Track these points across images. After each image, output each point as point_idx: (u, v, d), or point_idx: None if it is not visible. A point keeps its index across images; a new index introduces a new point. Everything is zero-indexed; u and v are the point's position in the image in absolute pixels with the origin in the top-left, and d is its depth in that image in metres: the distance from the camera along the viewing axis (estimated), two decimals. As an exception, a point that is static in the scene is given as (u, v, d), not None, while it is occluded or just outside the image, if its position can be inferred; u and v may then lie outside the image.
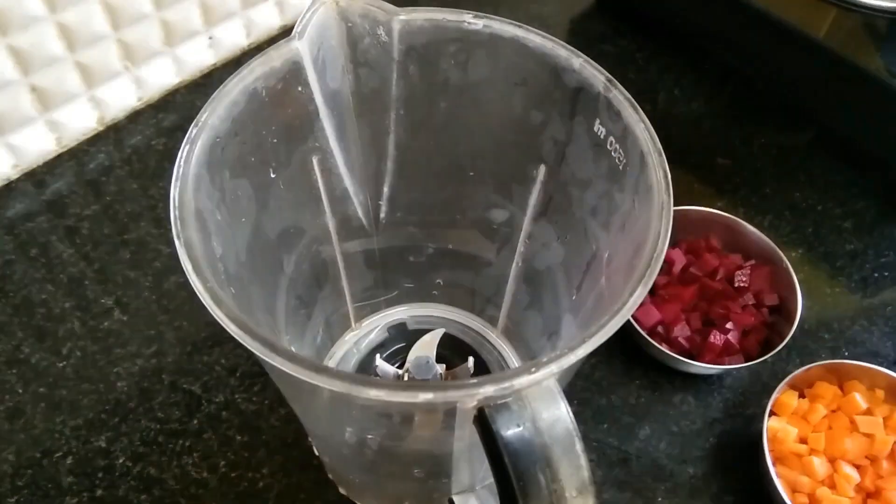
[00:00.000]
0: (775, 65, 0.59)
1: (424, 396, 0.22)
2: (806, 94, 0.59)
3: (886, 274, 0.52)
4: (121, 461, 0.42)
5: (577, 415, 0.45)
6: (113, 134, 0.56)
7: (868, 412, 0.43)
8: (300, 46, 0.29)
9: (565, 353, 0.23)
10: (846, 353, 0.48)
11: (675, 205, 0.26)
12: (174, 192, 0.25)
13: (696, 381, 0.46)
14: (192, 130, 0.27)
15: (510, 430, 0.23)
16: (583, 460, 0.23)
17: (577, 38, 0.66)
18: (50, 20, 0.48)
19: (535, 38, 0.30)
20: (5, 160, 0.52)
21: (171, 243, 0.50)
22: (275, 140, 0.31)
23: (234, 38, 0.60)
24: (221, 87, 0.28)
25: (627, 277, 0.25)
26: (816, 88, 0.58)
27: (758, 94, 0.62)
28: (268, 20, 0.62)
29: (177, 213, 0.25)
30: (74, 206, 0.52)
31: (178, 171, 0.26)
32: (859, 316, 0.50)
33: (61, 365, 0.45)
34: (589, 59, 0.29)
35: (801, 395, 0.44)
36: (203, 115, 0.27)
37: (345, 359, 0.44)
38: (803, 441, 0.42)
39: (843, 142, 0.58)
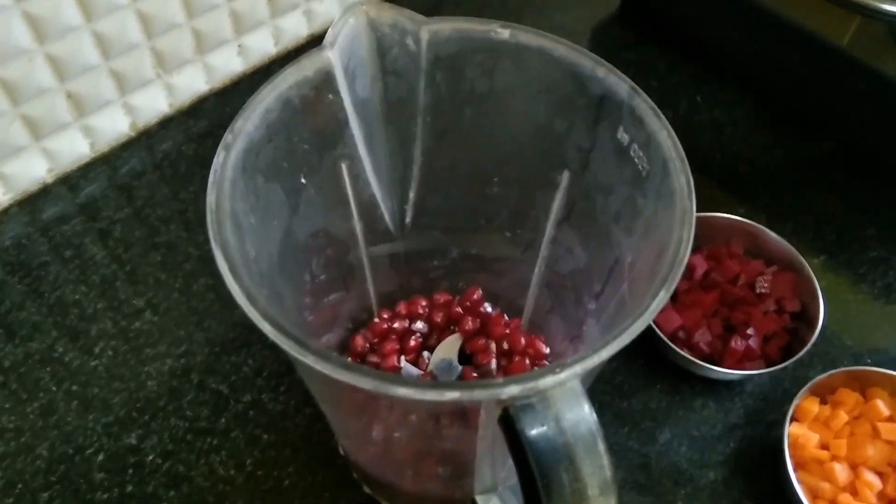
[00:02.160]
0: (798, 73, 0.59)
1: (451, 395, 0.23)
2: (829, 102, 0.59)
3: (910, 282, 0.52)
4: (150, 458, 0.43)
5: (598, 418, 0.46)
6: (145, 139, 0.58)
7: (890, 419, 0.43)
8: (331, 55, 0.30)
9: (589, 355, 0.23)
10: (868, 360, 0.48)
11: (696, 211, 0.27)
12: (211, 197, 0.26)
13: (717, 387, 0.47)
14: (228, 137, 0.28)
15: (534, 430, 0.23)
16: (605, 460, 0.24)
17: (600, 46, 0.66)
18: (86, 29, 0.50)
19: (561, 48, 0.30)
20: (41, 164, 0.54)
21: (200, 246, 0.52)
22: (306, 146, 0.32)
23: (262, 46, 0.61)
24: (255, 94, 0.29)
25: (650, 282, 0.26)
26: (840, 96, 0.58)
27: (780, 102, 0.62)
28: (296, 29, 0.63)
29: (213, 216, 0.26)
30: (107, 209, 0.54)
31: (214, 177, 0.27)
32: (882, 322, 0.50)
33: (94, 364, 0.47)
34: (613, 67, 0.30)
35: (823, 402, 0.44)
36: (238, 122, 0.28)
37: (369, 360, 0.45)
38: (825, 447, 0.43)
39: (866, 149, 0.58)
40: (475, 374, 0.42)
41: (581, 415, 0.24)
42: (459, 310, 0.44)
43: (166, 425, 0.44)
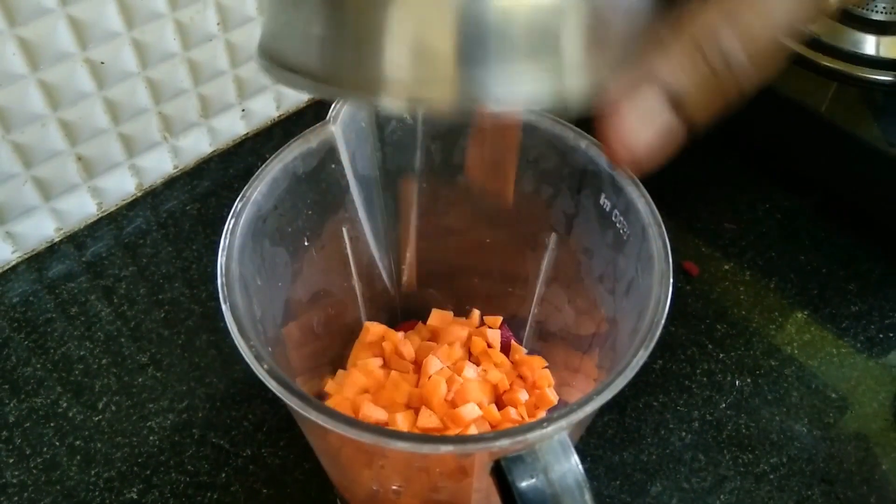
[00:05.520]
0: (780, 136, 0.62)
1: (446, 449, 0.24)
2: (809, 163, 0.61)
3: (892, 335, 0.53)
4: (152, 513, 0.44)
5: (590, 471, 0.47)
6: (150, 199, 0.60)
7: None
8: (334, 129, 0.32)
9: (574, 410, 0.25)
10: (851, 413, 0.49)
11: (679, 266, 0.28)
12: (221, 261, 0.28)
13: (707, 439, 0.48)
14: (238, 205, 0.30)
15: (524, 482, 0.25)
16: (592, 510, 0.25)
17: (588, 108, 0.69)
18: (98, 95, 0.52)
19: (545, 121, 0.33)
20: (49, 224, 0.56)
21: (202, 303, 0.53)
22: (309, 212, 0.34)
23: (265, 109, 0.64)
24: (264, 165, 0.31)
25: (632, 339, 0.28)
26: (819, 157, 0.60)
27: (763, 162, 0.64)
28: (297, 93, 0.65)
29: (223, 279, 0.28)
30: (113, 267, 0.55)
31: (224, 242, 0.29)
32: (865, 376, 0.51)
33: (97, 419, 0.48)
34: (594, 139, 0.32)
35: (809, 454, 0.45)
36: (247, 191, 0.30)
37: (367, 414, 0.46)
38: (811, 499, 0.44)
39: (847, 207, 0.61)
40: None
41: (568, 466, 0.25)
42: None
43: (167, 479, 0.45)
